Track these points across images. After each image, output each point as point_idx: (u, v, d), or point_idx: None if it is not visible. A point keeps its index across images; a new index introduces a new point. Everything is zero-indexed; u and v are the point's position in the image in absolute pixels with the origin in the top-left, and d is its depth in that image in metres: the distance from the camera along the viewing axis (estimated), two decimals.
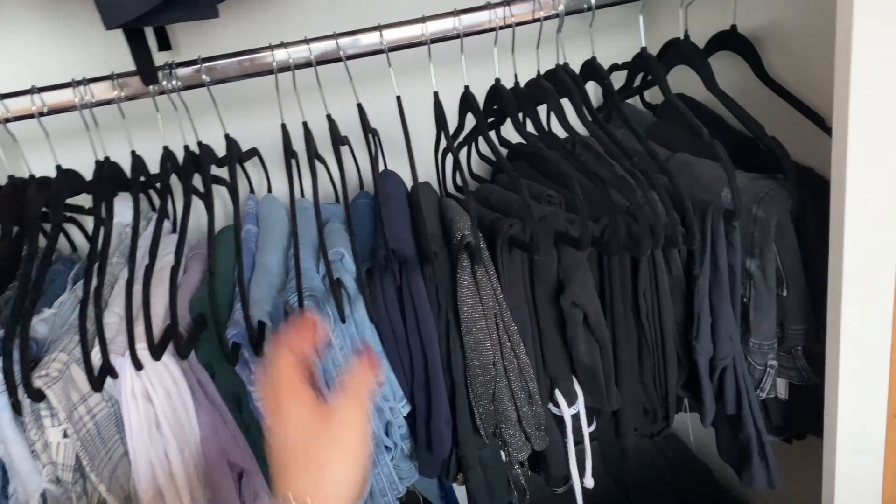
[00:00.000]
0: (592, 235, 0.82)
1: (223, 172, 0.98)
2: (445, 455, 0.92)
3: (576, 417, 0.93)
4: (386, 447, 0.94)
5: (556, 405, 0.93)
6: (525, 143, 1.14)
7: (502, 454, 0.96)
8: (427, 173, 1.16)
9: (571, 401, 0.93)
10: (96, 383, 0.77)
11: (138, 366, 0.78)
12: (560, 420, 0.95)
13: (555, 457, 0.96)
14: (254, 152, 1.14)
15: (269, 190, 1.21)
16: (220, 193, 1.23)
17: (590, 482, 0.96)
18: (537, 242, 0.78)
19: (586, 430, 0.94)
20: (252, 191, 1.20)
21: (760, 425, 0.94)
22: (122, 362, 0.79)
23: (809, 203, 0.87)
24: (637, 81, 1.11)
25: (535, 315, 0.91)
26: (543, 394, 0.92)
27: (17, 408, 0.74)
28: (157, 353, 0.78)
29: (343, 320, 0.84)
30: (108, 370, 0.77)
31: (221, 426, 0.85)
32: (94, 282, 0.81)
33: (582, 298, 0.83)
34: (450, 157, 1.17)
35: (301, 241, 0.97)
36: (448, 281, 0.88)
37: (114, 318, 0.85)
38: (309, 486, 0.53)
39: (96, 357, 0.78)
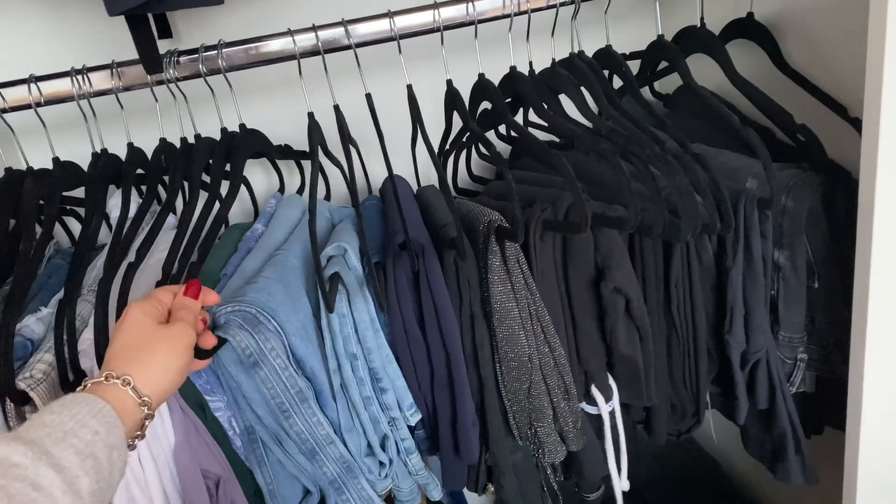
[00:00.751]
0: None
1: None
2: (474, 459, 0.86)
3: (612, 414, 0.89)
4: (380, 462, 0.88)
5: (591, 402, 0.90)
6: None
7: (535, 458, 0.90)
8: (427, 174, 1.13)
9: (608, 396, 0.89)
10: (69, 388, 0.72)
11: None
12: (594, 418, 0.91)
13: (590, 458, 0.92)
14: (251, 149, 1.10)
15: (301, 190, 1.17)
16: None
17: (625, 484, 0.92)
18: (586, 216, 0.74)
19: (622, 428, 0.89)
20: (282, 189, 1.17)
21: (795, 419, 0.91)
22: (91, 366, 0.75)
23: (839, 192, 0.85)
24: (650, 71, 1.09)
25: (568, 305, 0.87)
26: (578, 390, 0.87)
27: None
28: None
29: (331, 310, 0.78)
30: (80, 375, 0.73)
31: (194, 433, 0.81)
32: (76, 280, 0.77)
33: (625, 284, 0.80)
34: (451, 158, 1.14)
35: (296, 241, 0.93)
36: (471, 271, 0.84)
37: None
38: (135, 369, 0.64)
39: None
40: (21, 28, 1.08)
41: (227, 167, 0.92)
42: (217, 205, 0.85)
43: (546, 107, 0.92)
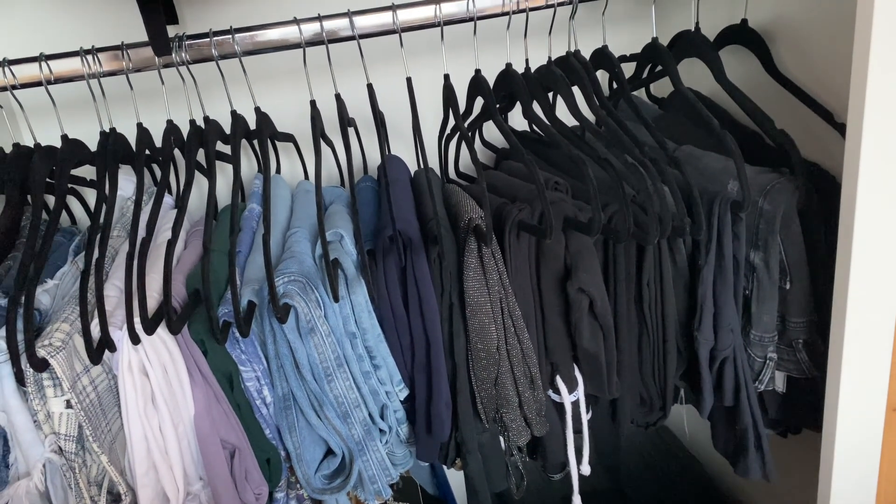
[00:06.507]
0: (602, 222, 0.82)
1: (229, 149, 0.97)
2: (445, 438, 0.92)
3: (575, 404, 0.94)
4: (381, 430, 0.94)
5: (557, 391, 0.94)
6: (529, 130, 1.15)
7: (501, 440, 0.96)
8: (429, 161, 1.16)
9: (572, 387, 0.93)
10: (94, 356, 0.76)
11: (135, 340, 0.77)
12: (559, 407, 0.95)
13: (553, 443, 0.97)
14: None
15: (279, 170, 1.20)
16: (228, 170, 1.22)
17: (586, 469, 0.96)
18: (550, 225, 0.78)
19: (585, 418, 0.94)
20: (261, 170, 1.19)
21: (758, 417, 0.95)
22: (120, 335, 0.79)
23: (815, 197, 0.88)
24: (645, 73, 1.11)
25: (539, 300, 0.91)
26: (544, 380, 0.92)
27: (20, 377, 0.74)
28: (149, 328, 0.77)
29: (336, 299, 0.83)
30: (107, 343, 0.77)
31: (214, 404, 0.85)
32: (96, 254, 0.80)
33: (589, 285, 0.83)
34: (453, 144, 1.17)
35: (299, 222, 0.97)
36: (453, 264, 0.88)
37: (114, 290, 0.85)
38: None
39: (95, 329, 0.77)
40: (33, 10, 1.11)
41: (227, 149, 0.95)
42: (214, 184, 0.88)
43: (537, 105, 0.95)
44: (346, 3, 0.93)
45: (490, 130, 1.10)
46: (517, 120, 0.99)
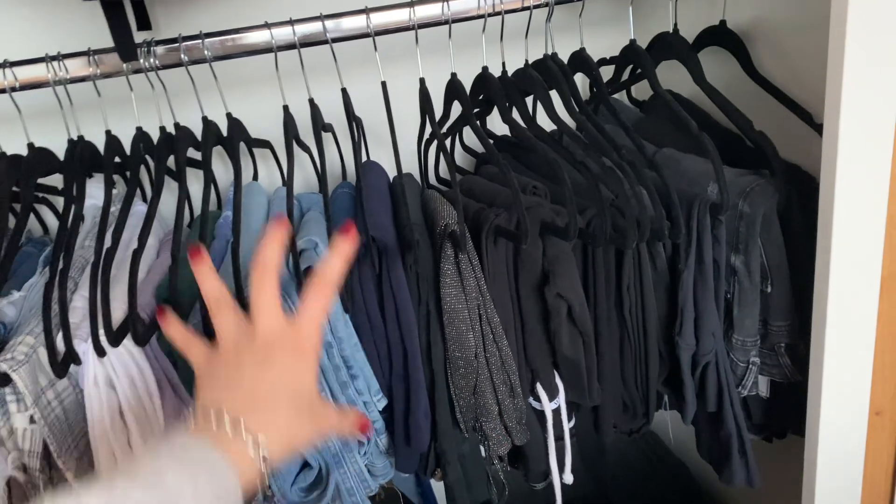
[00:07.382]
0: (578, 227, 0.81)
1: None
2: (424, 449, 0.90)
3: (556, 412, 0.92)
4: (359, 441, 0.92)
5: (537, 399, 0.92)
6: (509, 134, 1.14)
7: (482, 449, 0.94)
8: (408, 166, 1.15)
9: (553, 395, 0.92)
10: (59, 369, 0.74)
11: (100, 352, 0.75)
12: (540, 414, 0.94)
13: (535, 452, 0.95)
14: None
15: (256, 177, 1.19)
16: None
17: (569, 478, 0.95)
18: (525, 230, 0.77)
19: (566, 425, 0.93)
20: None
21: (741, 422, 0.94)
22: (85, 348, 0.77)
23: (795, 199, 0.87)
24: (625, 76, 1.10)
25: (518, 307, 0.89)
26: (524, 387, 0.90)
27: None
28: (115, 340, 0.75)
29: None
30: (72, 356, 0.75)
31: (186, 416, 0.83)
32: (60, 265, 0.78)
33: (567, 290, 0.82)
34: (432, 149, 1.16)
35: None
36: (430, 271, 0.87)
37: (82, 302, 0.83)
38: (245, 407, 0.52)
39: (60, 342, 0.75)
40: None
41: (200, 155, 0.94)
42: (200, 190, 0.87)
43: (514, 109, 0.94)
44: (332, 7, 0.91)
45: (470, 135, 1.09)
46: (498, 124, 0.98)
